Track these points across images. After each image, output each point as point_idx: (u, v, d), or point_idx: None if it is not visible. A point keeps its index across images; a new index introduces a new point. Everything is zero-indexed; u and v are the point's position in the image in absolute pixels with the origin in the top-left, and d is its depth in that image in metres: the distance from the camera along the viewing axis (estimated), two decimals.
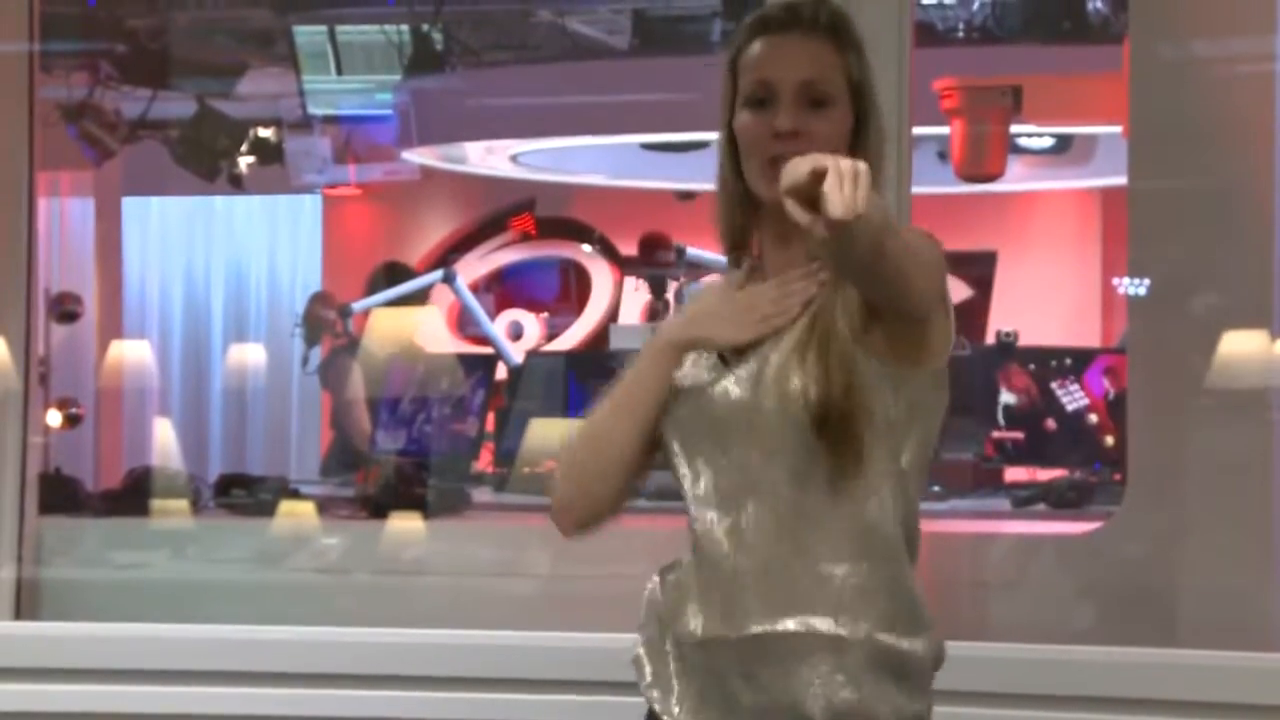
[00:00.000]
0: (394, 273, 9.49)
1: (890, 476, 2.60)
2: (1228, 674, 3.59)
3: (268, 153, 10.26)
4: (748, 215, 2.65)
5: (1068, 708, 3.62)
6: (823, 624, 2.54)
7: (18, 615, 4.77)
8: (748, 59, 2.63)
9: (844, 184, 2.19)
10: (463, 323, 10.35)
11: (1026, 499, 7.01)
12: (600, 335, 10.44)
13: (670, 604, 2.64)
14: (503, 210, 11.63)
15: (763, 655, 2.55)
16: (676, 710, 2.62)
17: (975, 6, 9.40)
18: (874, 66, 3.64)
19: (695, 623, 2.59)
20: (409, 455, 7.77)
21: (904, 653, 2.59)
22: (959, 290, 9.85)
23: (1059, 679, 3.63)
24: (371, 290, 9.22)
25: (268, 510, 6.26)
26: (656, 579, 2.69)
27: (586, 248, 11.12)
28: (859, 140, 2.61)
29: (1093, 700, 3.61)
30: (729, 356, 2.61)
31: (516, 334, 10.60)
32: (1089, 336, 10.17)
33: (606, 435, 2.64)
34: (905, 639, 2.59)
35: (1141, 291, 4.99)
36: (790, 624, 2.54)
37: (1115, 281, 9.96)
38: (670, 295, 8.71)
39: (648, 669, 2.67)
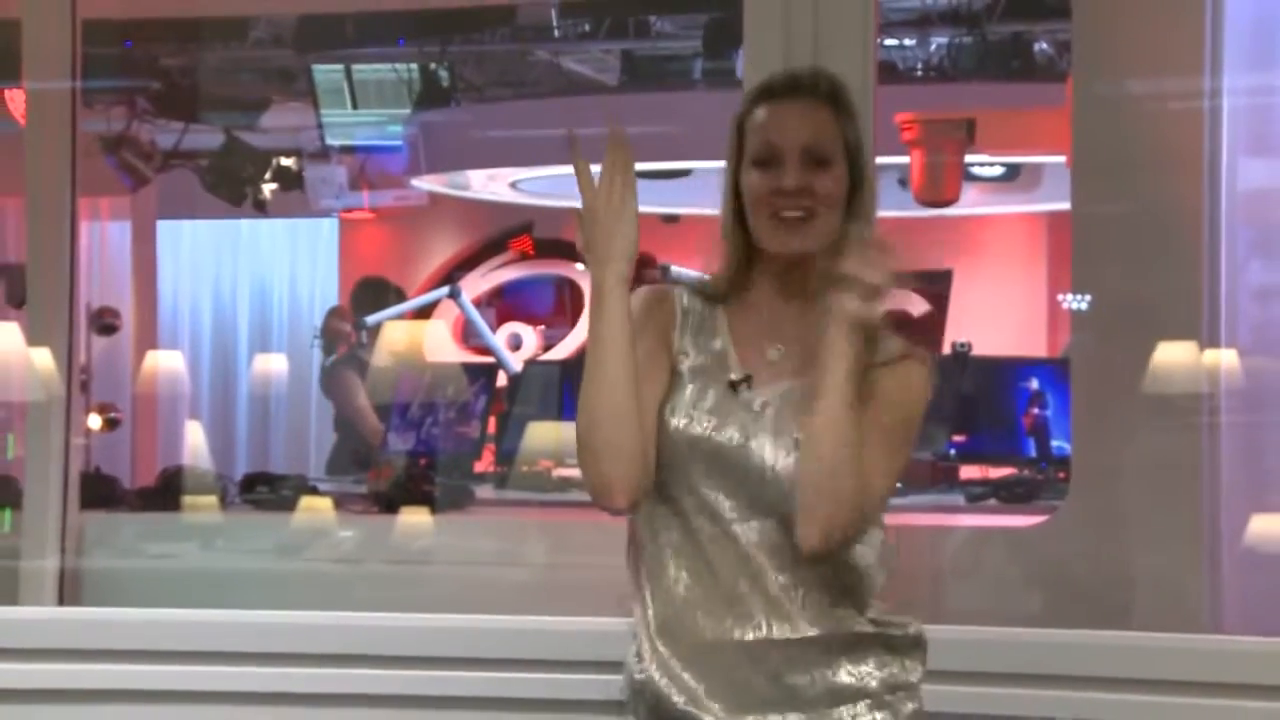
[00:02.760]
0: (371, 287, 9.44)
1: None
2: (1160, 653, 3.59)
3: (289, 180, 10.26)
4: (748, 265, 2.66)
5: (1017, 685, 3.62)
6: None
7: (61, 601, 4.77)
8: (754, 122, 2.63)
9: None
10: (466, 334, 10.34)
11: (979, 495, 7.01)
12: None
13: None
14: (503, 232, 11.64)
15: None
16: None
17: (932, 48, 9.42)
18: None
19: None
20: (418, 455, 7.77)
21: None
22: (917, 305, 9.86)
23: (1008, 658, 3.63)
24: (355, 302, 9.20)
25: (289, 506, 6.25)
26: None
27: (579, 266, 11.11)
28: (854, 199, 2.63)
29: (1039, 678, 3.61)
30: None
31: (516, 345, 10.60)
32: (1036, 347, 10.17)
33: (600, 398, 2.56)
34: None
35: (1084, 306, 4.99)
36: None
37: (1060, 297, 9.97)
38: None
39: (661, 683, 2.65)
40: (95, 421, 7.97)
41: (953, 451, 7.45)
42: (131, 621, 4.04)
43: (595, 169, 2.59)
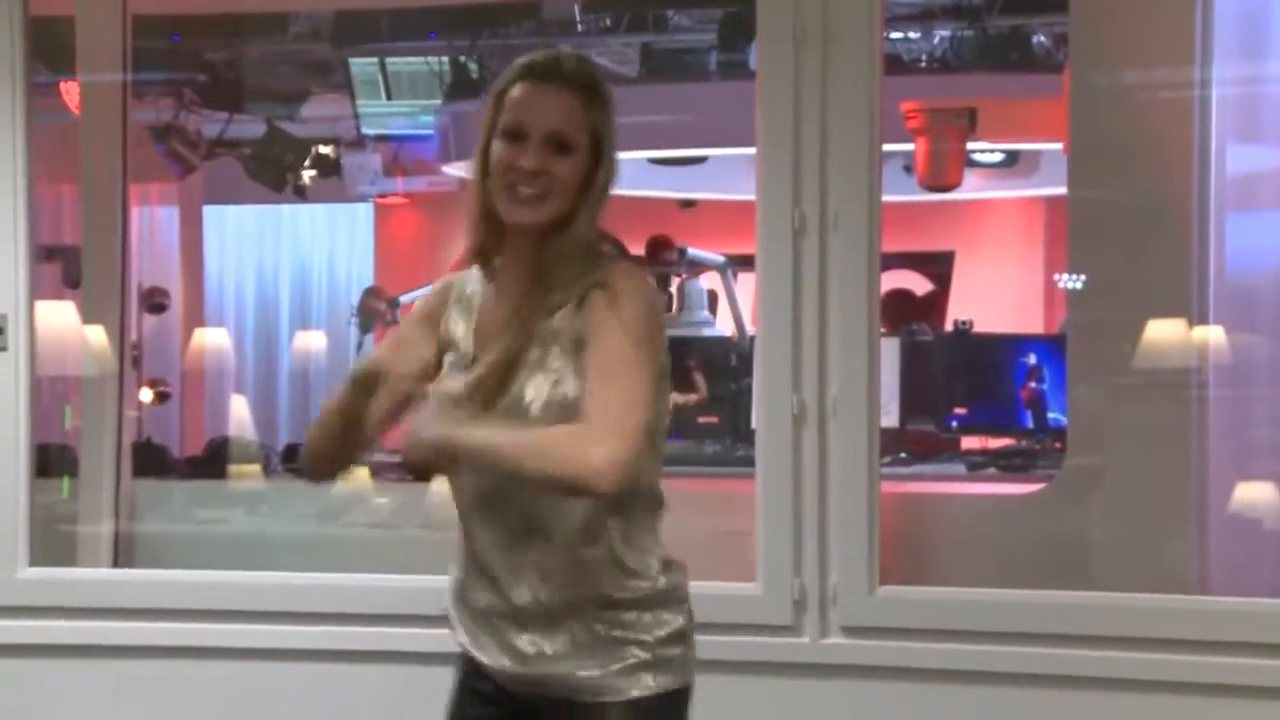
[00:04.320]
0: (375, 294, 9.46)
1: None
2: (1150, 614, 3.59)
3: (327, 167, 10.26)
4: (494, 230, 2.66)
5: (1016, 643, 3.62)
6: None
7: (115, 563, 4.79)
8: (511, 98, 2.63)
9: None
10: None
11: (979, 464, 7.01)
12: None
13: None
14: None
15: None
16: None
17: (936, 40, 9.38)
18: (846, 93, 3.67)
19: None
20: None
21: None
22: (923, 284, 9.84)
23: (1007, 618, 3.64)
24: (360, 310, 9.24)
25: None
26: None
27: None
28: (591, 179, 2.63)
29: (1035, 636, 3.61)
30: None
31: None
32: (1034, 325, 10.15)
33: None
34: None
35: (1079, 286, 4.99)
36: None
37: (1056, 277, 9.95)
38: (673, 289, 8.70)
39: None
40: (146, 395, 7.99)
41: (954, 423, 7.45)
42: (181, 582, 4.05)
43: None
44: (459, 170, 10.32)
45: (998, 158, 9.63)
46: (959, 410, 7.46)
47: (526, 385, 2.59)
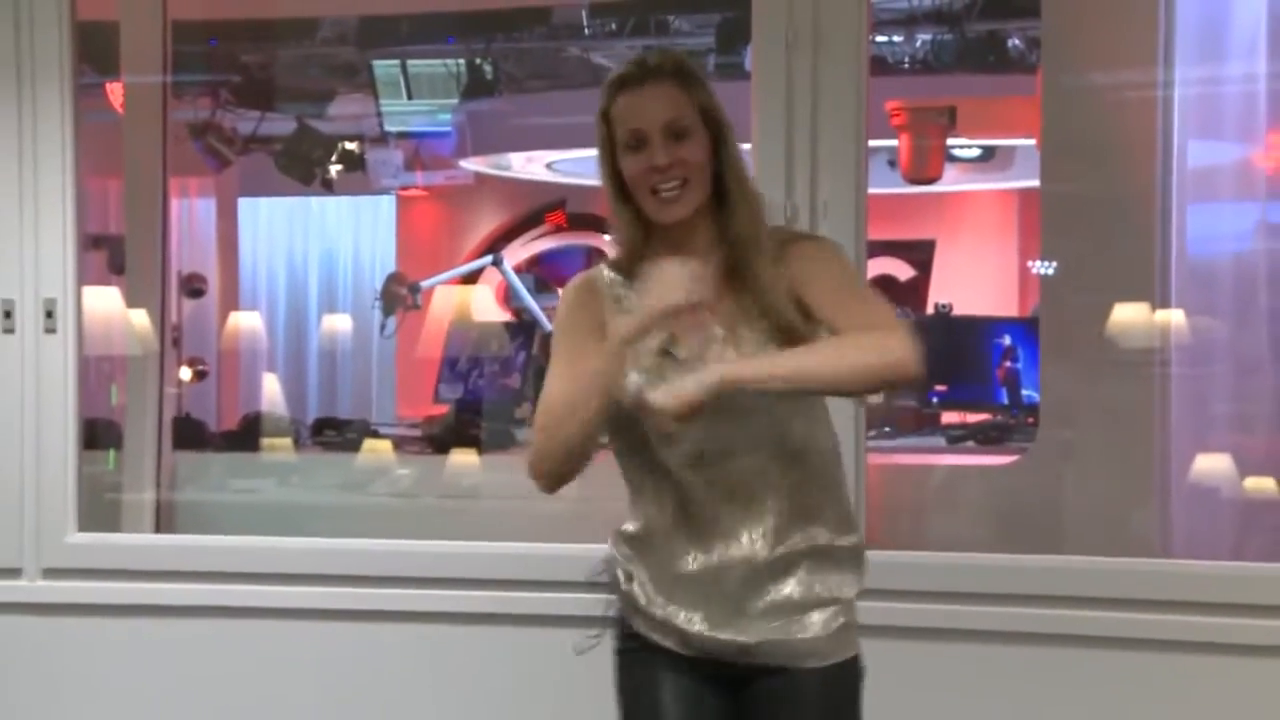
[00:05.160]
0: (397, 280, 9.44)
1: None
2: (1116, 575, 3.59)
3: (352, 162, 10.24)
4: (643, 232, 2.62)
5: (991, 604, 3.62)
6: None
7: (157, 529, 4.80)
8: (617, 112, 2.59)
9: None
10: (508, 297, 10.33)
11: (958, 437, 7.01)
12: None
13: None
14: (540, 207, 11.60)
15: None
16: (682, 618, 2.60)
17: (918, 43, 9.36)
18: (835, 93, 3.66)
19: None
20: (466, 403, 7.78)
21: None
22: (904, 271, 9.84)
23: (983, 580, 3.64)
24: (383, 294, 9.21)
25: (354, 447, 6.27)
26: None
27: (607, 237, 11.07)
28: (720, 152, 2.59)
29: (1009, 597, 3.61)
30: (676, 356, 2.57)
31: (551, 306, 10.58)
32: (1009, 308, 10.15)
33: (577, 417, 2.53)
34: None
35: (1051, 272, 4.99)
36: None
37: (1029, 264, 9.94)
38: None
39: (640, 597, 2.65)
40: (185, 373, 7.99)
41: (935, 400, 7.45)
42: (217, 547, 4.06)
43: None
44: (474, 165, 10.33)
45: (975, 153, 9.61)
46: (939, 387, 7.45)
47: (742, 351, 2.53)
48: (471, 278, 9.14)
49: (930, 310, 8.73)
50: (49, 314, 4.01)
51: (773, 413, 2.52)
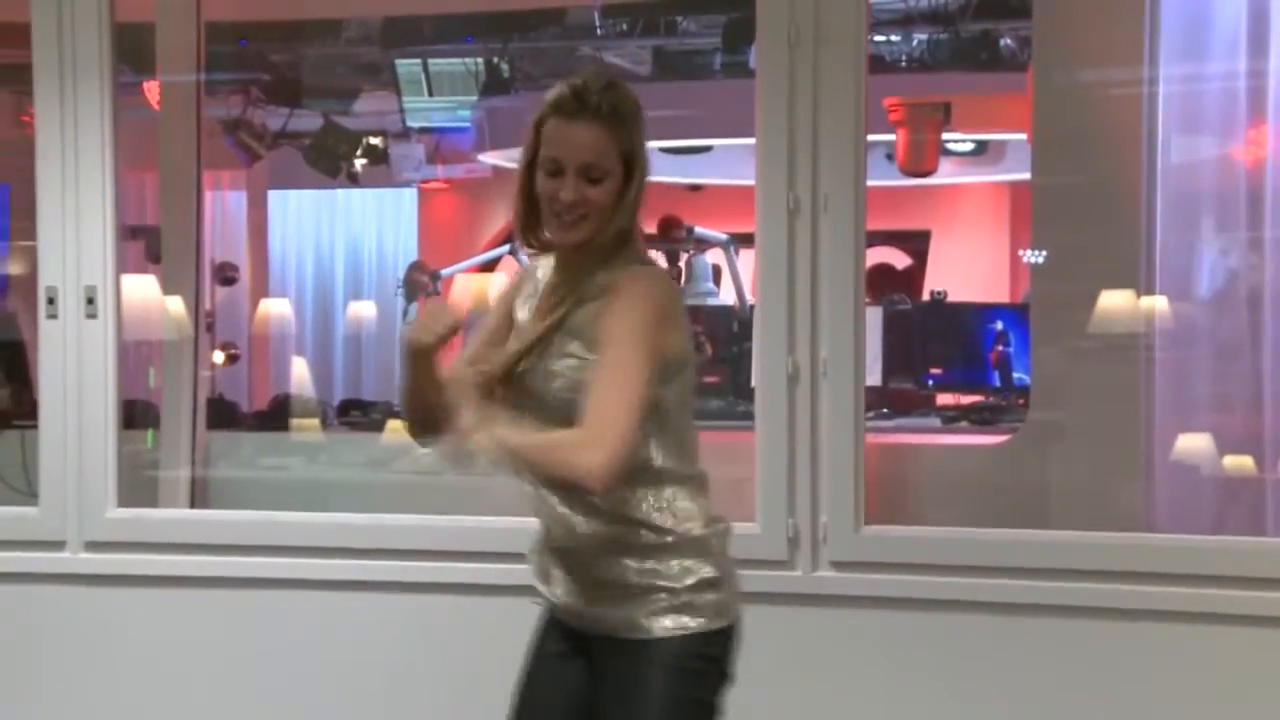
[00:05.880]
0: (419, 268, 9.45)
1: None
2: (1102, 548, 3.59)
3: (376, 156, 10.24)
4: (536, 225, 2.68)
5: (983, 575, 3.63)
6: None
7: (192, 505, 4.81)
8: (546, 133, 2.62)
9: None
10: None
11: (952, 418, 7.01)
12: None
13: None
14: None
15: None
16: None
17: (914, 42, 9.35)
18: (835, 90, 3.65)
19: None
20: None
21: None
22: (902, 259, 9.82)
23: (976, 554, 3.64)
24: (405, 282, 9.23)
25: (378, 427, 6.27)
26: None
27: None
28: (625, 193, 2.63)
29: (1001, 569, 3.61)
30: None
31: None
32: (1001, 295, 10.15)
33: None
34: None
35: (1041, 260, 4.98)
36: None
37: (1020, 253, 9.93)
38: (682, 264, 8.69)
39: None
40: (219, 357, 8.00)
41: (930, 382, 7.45)
42: (249, 522, 4.07)
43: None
44: (492, 159, 10.33)
45: (969, 147, 9.61)
46: (934, 370, 7.45)
47: (553, 366, 2.61)
48: (489, 266, 9.13)
49: (926, 297, 8.71)
50: (90, 300, 4.02)
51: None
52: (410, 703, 3.92)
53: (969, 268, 10.38)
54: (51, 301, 4.02)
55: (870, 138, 3.76)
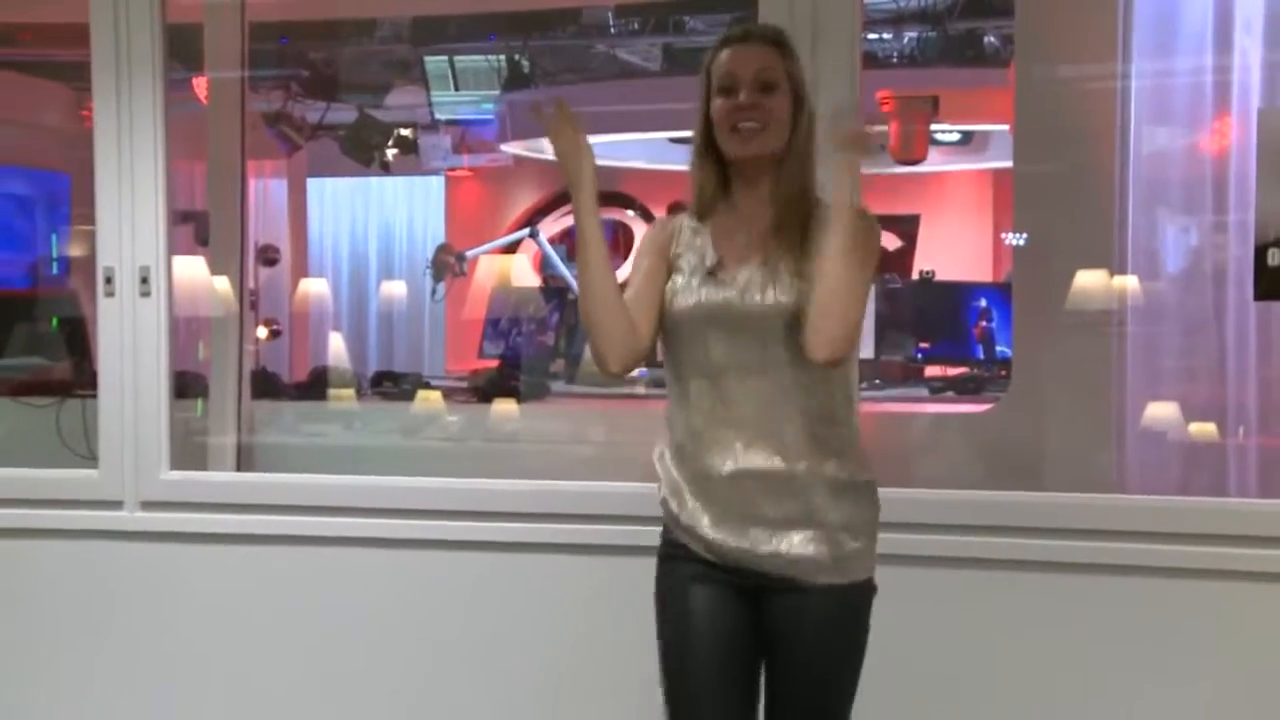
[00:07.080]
0: (446, 250, 9.44)
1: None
2: (1077, 508, 3.60)
3: (407, 146, 10.24)
4: (719, 181, 2.66)
5: (967, 534, 3.63)
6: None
7: (238, 468, 4.83)
8: (718, 64, 2.64)
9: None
10: (543, 265, 10.35)
11: (939, 389, 7.01)
12: None
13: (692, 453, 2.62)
14: None
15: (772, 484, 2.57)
16: (706, 524, 2.60)
17: (905, 40, 9.32)
18: (831, 83, 3.65)
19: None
20: (506, 358, 7.80)
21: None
22: (893, 242, 9.81)
23: (961, 514, 3.65)
24: (433, 263, 9.21)
25: (409, 397, 6.28)
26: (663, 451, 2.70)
27: (630, 212, 11.08)
28: (796, 117, 2.64)
29: (984, 528, 3.62)
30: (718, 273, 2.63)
31: None
32: (984, 274, 10.14)
33: (588, 284, 2.63)
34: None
35: (1022, 243, 4.97)
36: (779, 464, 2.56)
37: (1003, 235, 9.92)
38: None
39: (673, 504, 2.67)
40: (262, 332, 8.02)
41: (919, 355, 7.45)
42: (290, 484, 4.08)
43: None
44: (513, 149, 10.32)
45: (956, 137, 9.59)
46: (923, 344, 7.46)
47: (774, 289, 2.57)
48: (511, 248, 9.14)
49: (915, 276, 8.70)
50: (144, 280, 4.03)
51: (792, 350, 2.54)
52: (436, 648, 3.94)
53: (955, 249, 10.37)
54: (109, 281, 4.04)
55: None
